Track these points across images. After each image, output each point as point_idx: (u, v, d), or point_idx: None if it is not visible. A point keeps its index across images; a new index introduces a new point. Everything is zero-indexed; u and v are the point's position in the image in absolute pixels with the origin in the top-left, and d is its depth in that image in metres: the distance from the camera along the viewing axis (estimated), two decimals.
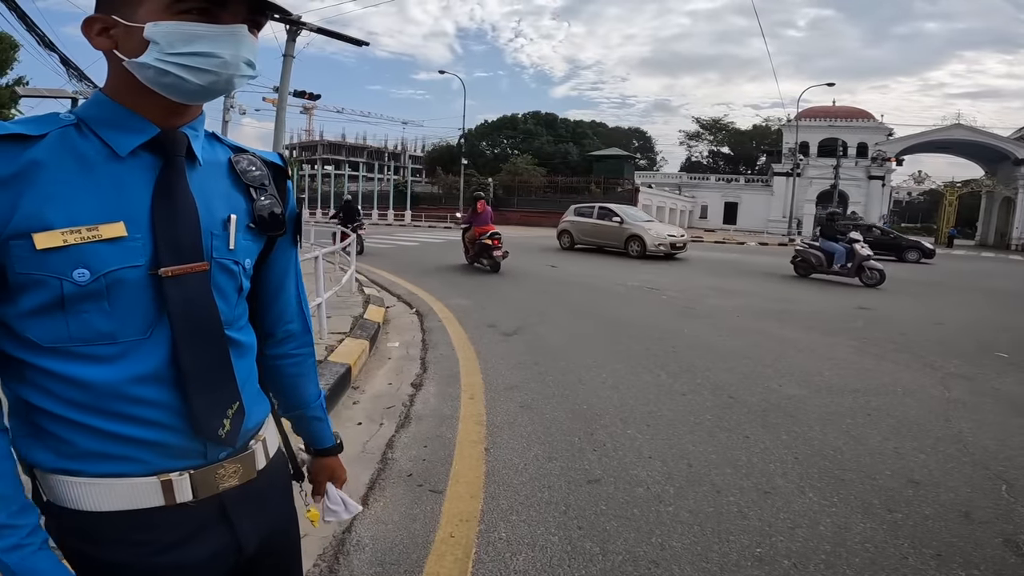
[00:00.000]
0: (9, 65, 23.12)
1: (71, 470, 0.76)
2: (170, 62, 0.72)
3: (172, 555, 0.80)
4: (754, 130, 60.66)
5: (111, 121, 0.75)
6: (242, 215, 0.87)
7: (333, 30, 14.54)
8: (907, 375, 4.93)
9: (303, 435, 1.15)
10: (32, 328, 0.72)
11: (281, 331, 1.02)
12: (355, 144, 72.32)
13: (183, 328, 0.78)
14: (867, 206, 42.93)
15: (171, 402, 0.78)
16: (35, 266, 0.70)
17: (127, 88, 0.75)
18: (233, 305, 0.86)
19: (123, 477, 0.77)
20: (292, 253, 1.01)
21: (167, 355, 0.77)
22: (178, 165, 0.79)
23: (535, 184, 40.88)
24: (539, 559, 2.19)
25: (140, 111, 0.76)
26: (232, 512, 0.86)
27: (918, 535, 2.41)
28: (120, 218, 0.73)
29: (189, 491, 0.81)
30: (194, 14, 0.73)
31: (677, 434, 3.46)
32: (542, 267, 12.72)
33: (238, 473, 0.87)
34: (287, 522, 1.02)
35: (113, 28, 0.74)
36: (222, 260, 0.83)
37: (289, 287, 1.02)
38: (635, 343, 5.79)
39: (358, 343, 5.08)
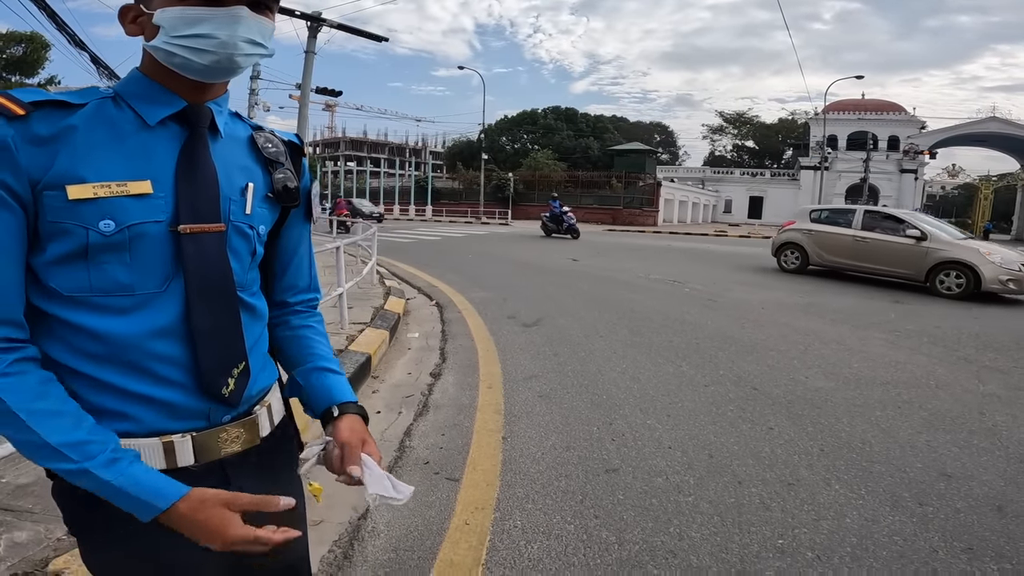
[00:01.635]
0: (41, 64, 23.87)
1: None
2: (175, 44, 0.77)
3: None
4: (780, 124, 59.50)
5: (144, 95, 0.82)
6: (259, 185, 0.92)
7: (353, 26, 14.66)
8: (941, 368, 4.76)
9: (321, 393, 1.00)
10: (55, 277, 0.76)
11: (293, 298, 1.06)
12: (376, 140, 72.93)
13: (197, 284, 0.81)
14: (899, 200, 41.81)
15: (180, 357, 0.81)
16: (65, 215, 0.74)
17: (156, 67, 0.82)
18: (246, 268, 0.90)
19: (125, 437, 0.77)
20: (305, 227, 1.06)
21: (180, 310, 0.80)
22: (201, 135, 0.85)
23: (555, 179, 40.64)
24: (554, 547, 2.16)
25: (169, 87, 0.82)
26: (234, 479, 0.86)
27: (949, 528, 2.32)
28: (147, 177, 0.78)
29: (191, 454, 0.82)
30: (194, 1, 0.77)
31: (698, 425, 3.39)
32: (563, 261, 12.65)
33: (241, 438, 0.87)
34: (292, 493, 0.98)
35: (140, 16, 0.81)
36: (238, 223, 0.87)
37: (302, 258, 1.07)
38: (656, 335, 5.70)
39: (378, 333, 5.10)
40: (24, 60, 23.45)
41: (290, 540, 0.77)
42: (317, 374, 1.01)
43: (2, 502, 2.17)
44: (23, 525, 2.02)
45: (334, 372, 1.03)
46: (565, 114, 54.53)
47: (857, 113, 45.11)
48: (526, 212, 38.04)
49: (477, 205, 36.00)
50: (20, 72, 23.58)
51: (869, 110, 45.28)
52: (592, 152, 49.19)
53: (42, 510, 2.12)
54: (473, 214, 35.68)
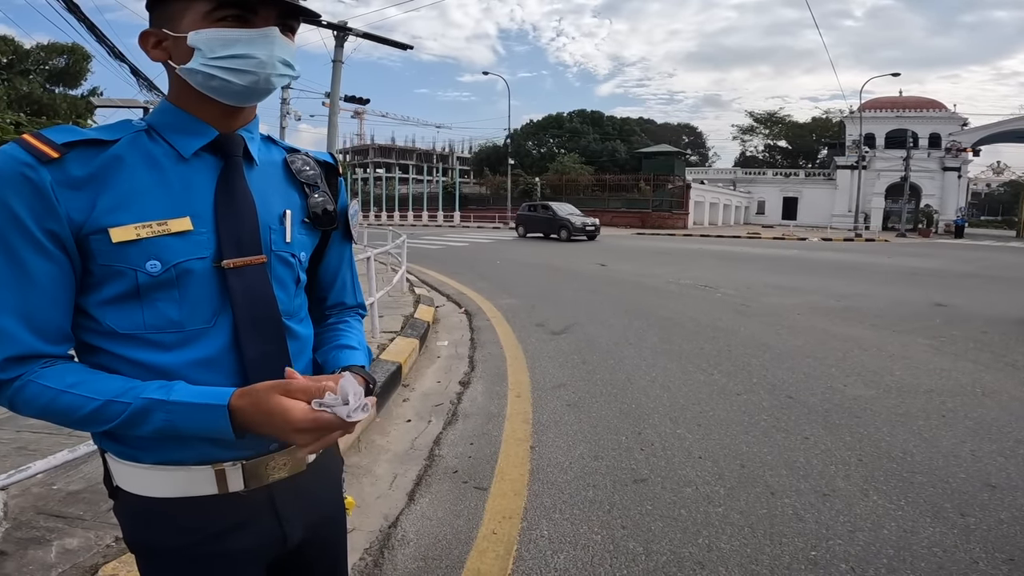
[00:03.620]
0: (83, 75, 24.70)
1: (133, 453, 0.81)
2: (213, 66, 0.78)
3: (221, 543, 0.84)
4: (813, 123, 58.04)
5: (176, 126, 0.83)
6: (297, 211, 0.92)
7: (378, 35, 14.89)
8: (988, 376, 4.57)
9: (334, 364, 0.98)
10: (111, 316, 0.78)
11: (337, 310, 1.08)
12: (404, 147, 74.03)
13: (244, 317, 0.82)
14: (942, 199, 40.31)
15: (233, 388, 0.80)
16: (113, 258, 0.76)
17: (186, 95, 0.82)
18: (292, 296, 0.91)
19: (179, 465, 0.81)
20: (346, 246, 1.06)
21: (229, 342, 0.82)
22: (236, 165, 0.85)
23: (583, 183, 40.50)
24: (580, 557, 2.15)
25: (200, 116, 0.83)
26: (279, 503, 0.89)
27: (991, 540, 2.24)
28: (186, 213, 0.79)
29: (241, 481, 0.84)
30: (230, 20, 0.79)
31: (730, 434, 3.33)
32: (591, 266, 12.59)
33: (287, 465, 0.89)
34: (334, 512, 1.03)
35: (165, 40, 0.81)
36: (280, 252, 0.88)
37: (345, 277, 1.08)
38: (687, 342, 5.63)
39: (408, 342, 5.16)
40: (67, 71, 24.13)
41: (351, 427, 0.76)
42: (336, 351, 0.99)
43: (54, 509, 2.26)
44: (74, 532, 2.10)
45: (354, 349, 1.00)
46: (591, 117, 54.31)
47: (895, 111, 43.70)
48: None
49: (505, 210, 36.08)
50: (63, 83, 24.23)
51: (908, 107, 43.81)
52: (619, 155, 48.86)
53: (92, 517, 2.20)
54: (501, 219, 35.78)
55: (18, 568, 1.88)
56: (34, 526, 2.13)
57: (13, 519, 2.17)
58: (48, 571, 1.87)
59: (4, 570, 1.87)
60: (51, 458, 1.99)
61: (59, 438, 2.98)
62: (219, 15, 0.78)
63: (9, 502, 2.25)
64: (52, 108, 20.52)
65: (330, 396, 0.74)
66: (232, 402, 0.74)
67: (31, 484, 2.38)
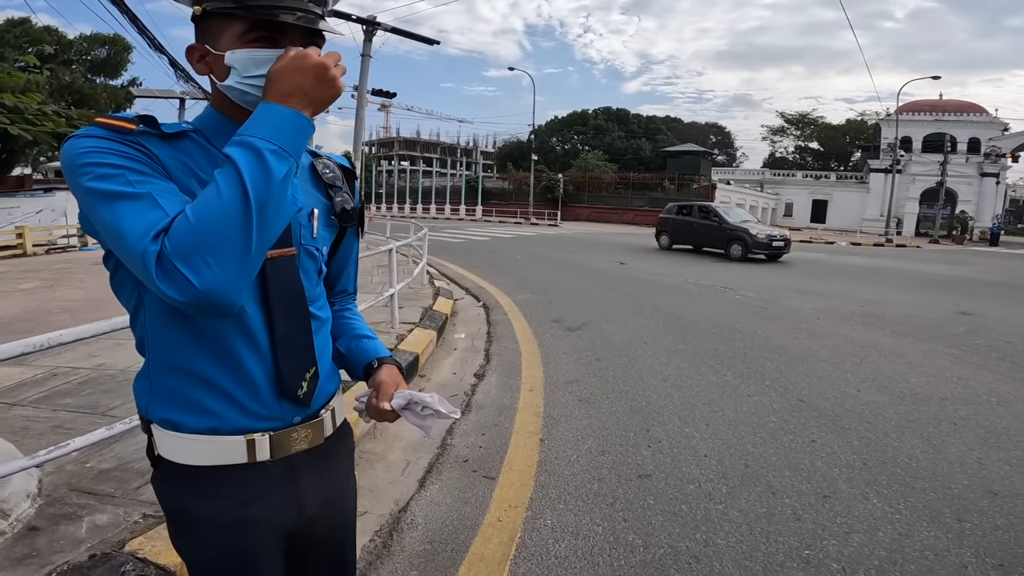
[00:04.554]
0: (124, 66, 25.14)
1: (176, 422, 0.90)
2: (247, 84, 0.87)
3: (246, 509, 0.93)
4: (847, 125, 56.70)
5: (219, 131, 0.91)
6: (323, 209, 1.02)
7: (406, 30, 15.02)
8: (1005, 386, 4.52)
9: (361, 354, 1.13)
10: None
11: (340, 296, 1.20)
12: (429, 140, 74.49)
13: (277, 301, 0.92)
14: (979, 205, 39.09)
15: (263, 363, 0.92)
16: None
17: (228, 105, 0.92)
18: (314, 284, 1.01)
19: (215, 434, 0.90)
20: (356, 241, 1.17)
21: (264, 323, 0.92)
22: None
23: (606, 180, 40.29)
24: (580, 547, 2.24)
25: (239, 122, 0.88)
26: (299, 474, 0.98)
27: (984, 545, 2.27)
28: None
29: (268, 451, 0.93)
30: (260, 42, 0.87)
31: (737, 435, 3.38)
32: (611, 264, 12.60)
33: (308, 438, 0.98)
34: (346, 488, 1.13)
35: (207, 56, 0.90)
36: (307, 246, 0.98)
37: (351, 268, 1.20)
38: (702, 343, 5.65)
39: (426, 333, 5.29)
40: (108, 62, 24.61)
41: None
42: (357, 340, 1.14)
43: (86, 486, 2.39)
44: (104, 508, 2.22)
45: (371, 338, 1.16)
46: (616, 115, 53.90)
47: (934, 114, 42.45)
48: (575, 213, 37.94)
49: (527, 206, 36.13)
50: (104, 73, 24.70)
51: (947, 111, 42.50)
52: (644, 153, 48.44)
53: (122, 494, 2.32)
54: (522, 215, 35.83)
55: (50, 543, 1.98)
56: (66, 502, 2.25)
57: (47, 495, 2.28)
58: (78, 546, 1.97)
59: (36, 544, 1.97)
60: (89, 435, 2.11)
61: (93, 417, 3.16)
62: (251, 36, 0.87)
63: (44, 479, 2.38)
64: (93, 98, 21.11)
65: (414, 415, 0.97)
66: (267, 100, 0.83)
67: (65, 462, 2.49)
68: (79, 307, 6.54)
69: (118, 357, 4.34)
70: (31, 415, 3.22)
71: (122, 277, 0.91)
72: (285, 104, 0.81)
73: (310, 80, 0.82)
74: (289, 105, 0.81)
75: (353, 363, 1.13)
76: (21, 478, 2.24)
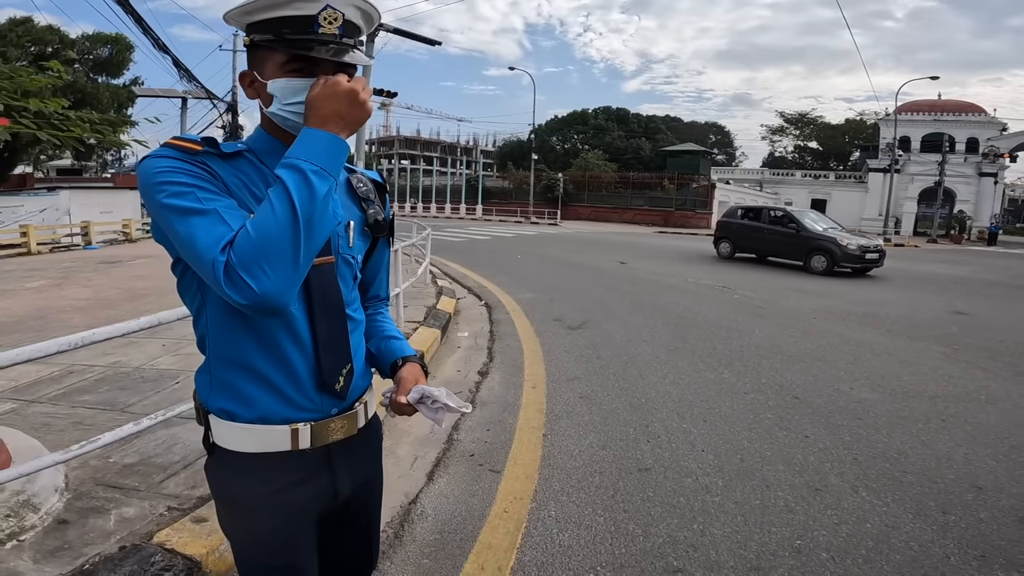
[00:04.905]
0: (126, 65, 25.08)
1: (231, 412, 1.01)
2: (287, 110, 0.97)
3: (289, 493, 1.03)
4: (847, 124, 56.78)
5: (269, 151, 1.02)
6: (357, 221, 1.12)
7: (408, 30, 15.09)
8: (995, 384, 4.64)
9: (388, 353, 1.22)
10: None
11: (372, 301, 1.30)
12: (429, 139, 74.46)
13: (319, 304, 1.03)
14: (977, 205, 39.22)
15: (306, 358, 1.02)
16: None
17: (274, 127, 1.03)
18: (350, 289, 1.11)
19: (265, 423, 1.01)
20: (388, 249, 1.28)
21: (307, 323, 1.02)
22: None
23: (605, 180, 40.34)
24: (583, 536, 2.35)
25: (285, 143, 1.00)
26: (335, 461, 1.09)
27: (967, 537, 2.38)
28: None
29: (309, 439, 1.04)
30: (297, 72, 0.97)
31: (734, 430, 3.49)
32: (611, 264, 12.71)
33: (343, 428, 1.09)
34: (375, 475, 1.24)
35: (255, 82, 1.00)
36: (344, 255, 1.09)
37: (383, 275, 1.30)
38: (701, 341, 5.76)
39: (431, 332, 5.40)
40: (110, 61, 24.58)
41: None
42: (386, 341, 1.24)
43: (111, 480, 2.49)
44: (130, 502, 2.32)
45: (399, 339, 1.26)
46: (616, 114, 53.88)
47: (933, 114, 42.56)
48: (575, 212, 37.97)
49: (527, 205, 36.20)
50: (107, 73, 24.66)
51: (946, 111, 42.61)
52: (644, 153, 48.45)
53: (147, 488, 2.42)
54: (523, 214, 35.90)
55: (80, 535, 2.07)
56: (93, 496, 2.34)
57: (73, 490, 2.38)
58: (108, 538, 2.06)
59: (67, 537, 2.05)
60: (118, 431, 2.19)
61: (112, 414, 3.27)
62: (290, 67, 0.96)
63: (69, 474, 2.46)
64: (95, 97, 21.12)
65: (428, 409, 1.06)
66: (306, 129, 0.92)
67: (89, 457, 2.57)
68: (89, 305, 6.65)
69: (132, 355, 4.45)
70: (51, 412, 3.33)
71: (187, 282, 1.02)
72: (324, 128, 0.91)
73: (344, 105, 0.92)
74: (327, 129, 0.91)
75: (382, 362, 1.22)
76: (49, 473, 2.33)
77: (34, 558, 1.95)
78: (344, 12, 0.97)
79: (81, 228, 16.08)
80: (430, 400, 1.05)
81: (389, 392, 1.16)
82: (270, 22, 0.95)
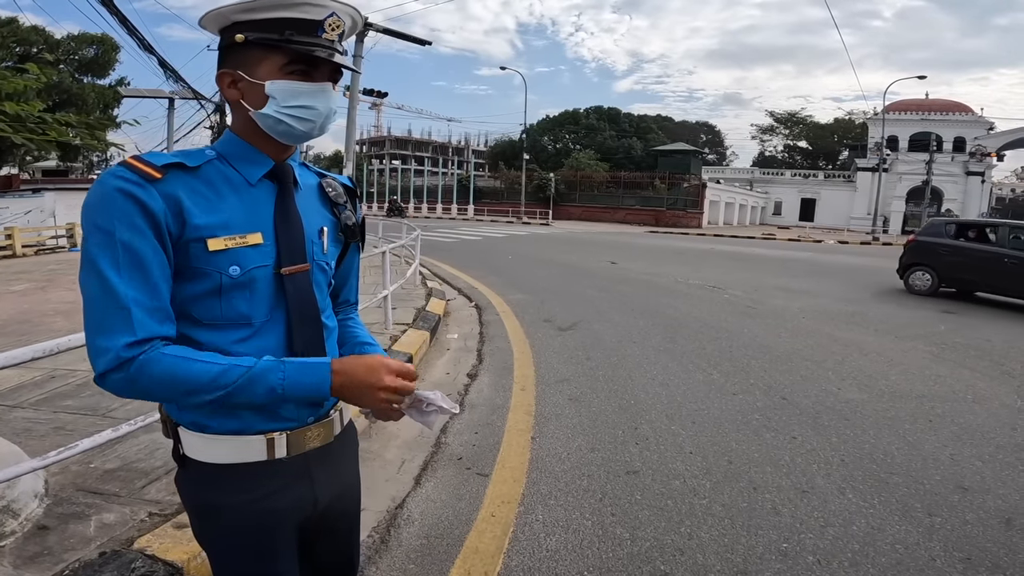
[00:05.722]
0: (112, 66, 24.91)
1: (202, 424, 0.98)
2: (284, 113, 0.96)
3: (267, 502, 1.01)
4: (835, 124, 57.37)
5: (242, 156, 1.00)
6: (331, 227, 1.11)
7: (398, 30, 15.07)
8: (982, 383, 4.68)
9: None
10: (197, 308, 0.95)
11: (343, 306, 1.28)
12: (420, 139, 74.38)
13: (296, 314, 1.02)
14: (964, 203, 39.72)
15: None
16: (205, 262, 0.94)
17: (250, 131, 1.00)
18: (325, 296, 1.10)
19: (239, 435, 0.99)
20: (358, 254, 1.26)
21: (283, 334, 1.01)
22: (290, 190, 1.04)
23: (597, 179, 40.46)
24: (571, 541, 2.34)
25: (260, 148, 1.01)
26: (312, 469, 1.07)
27: (952, 539, 2.39)
28: (258, 229, 0.98)
29: (285, 448, 1.02)
30: (296, 75, 0.96)
31: (722, 432, 3.49)
32: (602, 264, 12.72)
33: (320, 436, 1.07)
34: (352, 481, 1.22)
35: (240, 82, 0.97)
36: (319, 261, 1.08)
37: (353, 279, 1.29)
38: (690, 342, 5.77)
39: (420, 334, 5.37)
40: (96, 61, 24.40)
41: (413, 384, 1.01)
42: (360, 347, 1.22)
43: (91, 486, 2.44)
44: (111, 507, 2.28)
45: (372, 345, 1.23)
46: (608, 114, 54.02)
47: (920, 113, 43.08)
48: (567, 212, 38.05)
49: (518, 205, 36.23)
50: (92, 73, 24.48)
51: (933, 110, 43.14)
52: (635, 152, 48.63)
53: (128, 494, 2.38)
54: (514, 214, 35.92)
55: (60, 541, 2.04)
56: (73, 502, 2.30)
57: (54, 495, 2.33)
58: (88, 544, 2.02)
59: (47, 543, 2.02)
60: (96, 437, 2.16)
61: (94, 419, 3.22)
62: (290, 69, 0.95)
63: (50, 479, 2.42)
64: (81, 97, 20.91)
65: (418, 413, 1.06)
66: (333, 364, 0.95)
67: (70, 462, 2.52)
68: (72, 309, 6.56)
69: None
70: (32, 417, 3.28)
71: None
72: (335, 392, 0.95)
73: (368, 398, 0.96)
74: (333, 392, 0.95)
75: None
76: (29, 479, 2.30)
77: (14, 564, 1.92)
78: (345, 21, 0.99)
79: (66, 230, 15.88)
80: (424, 403, 1.05)
81: None
82: (274, 22, 0.94)
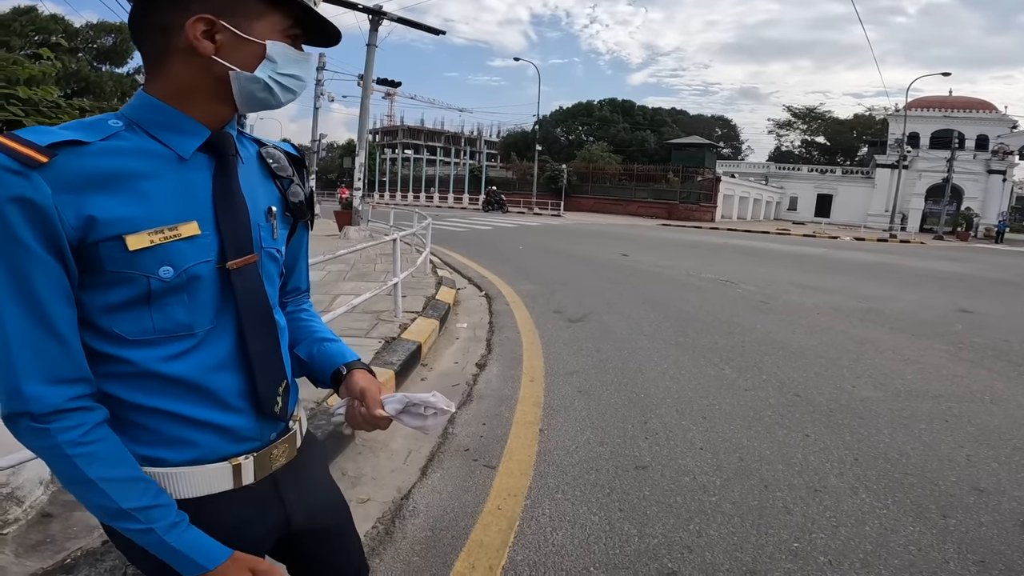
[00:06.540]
0: (130, 54, 25.19)
1: (156, 458, 0.81)
2: (276, 79, 0.81)
3: (238, 534, 0.86)
4: (855, 119, 56.49)
5: (166, 124, 0.78)
6: (278, 205, 0.93)
7: (412, 19, 14.98)
8: (1000, 384, 4.57)
9: (326, 359, 1.04)
10: (120, 322, 0.77)
11: (293, 295, 1.10)
12: (433, 129, 74.39)
13: (248, 315, 0.85)
14: (985, 202, 39.06)
15: (239, 385, 0.86)
16: (125, 265, 0.74)
17: (187, 93, 0.79)
18: (275, 289, 0.94)
19: (200, 464, 0.83)
20: (306, 234, 1.07)
21: (233, 342, 0.84)
22: (232, 164, 0.84)
23: (610, 172, 40.20)
24: (577, 536, 2.31)
25: (194, 115, 0.79)
26: (282, 489, 0.94)
27: (967, 541, 2.33)
28: (193, 217, 0.78)
29: (252, 473, 0.88)
30: (290, 39, 0.83)
31: (733, 428, 3.44)
32: (613, 256, 12.64)
33: (285, 452, 0.95)
34: (325, 483, 1.10)
35: (219, 33, 0.76)
36: (269, 249, 0.90)
37: (303, 264, 1.10)
38: (702, 336, 5.71)
39: (429, 323, 5.35)
40: (114, 50, 24.68)
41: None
42: (320, 345, 1.04)
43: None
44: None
45: (335, 341, 1.05)
46: (621, 106, 53.60)
47: (943, 110, 42.29)
48: (579, 204, 37.88)
49: (530, 196, 36.12)
50: (110, 61, 24.83)
51: (956, 107, 42.34)
52: (648, 145, 48.27)
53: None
54: (526, 204, 35.80)
55: (63, 529, 2.02)
56: None
57: (59, 482, 2.37)
58: (91, 532, 2.01)
59: (50, 531, 2.01)
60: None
61: None
62: (291, 32, 0.82)
63: None
64: (98, 85, 21.12)
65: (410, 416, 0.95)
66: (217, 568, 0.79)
67: None
68: None
69: None
70: None
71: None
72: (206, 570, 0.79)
73: None
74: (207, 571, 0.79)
75: (318, 370, 1.04)
76: (34, 465, 2.30)
77: (16, 552, 1.91)
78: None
79: None
80: (422, 407, 0.94)
81: (342, 408, 1.00)
82: None
